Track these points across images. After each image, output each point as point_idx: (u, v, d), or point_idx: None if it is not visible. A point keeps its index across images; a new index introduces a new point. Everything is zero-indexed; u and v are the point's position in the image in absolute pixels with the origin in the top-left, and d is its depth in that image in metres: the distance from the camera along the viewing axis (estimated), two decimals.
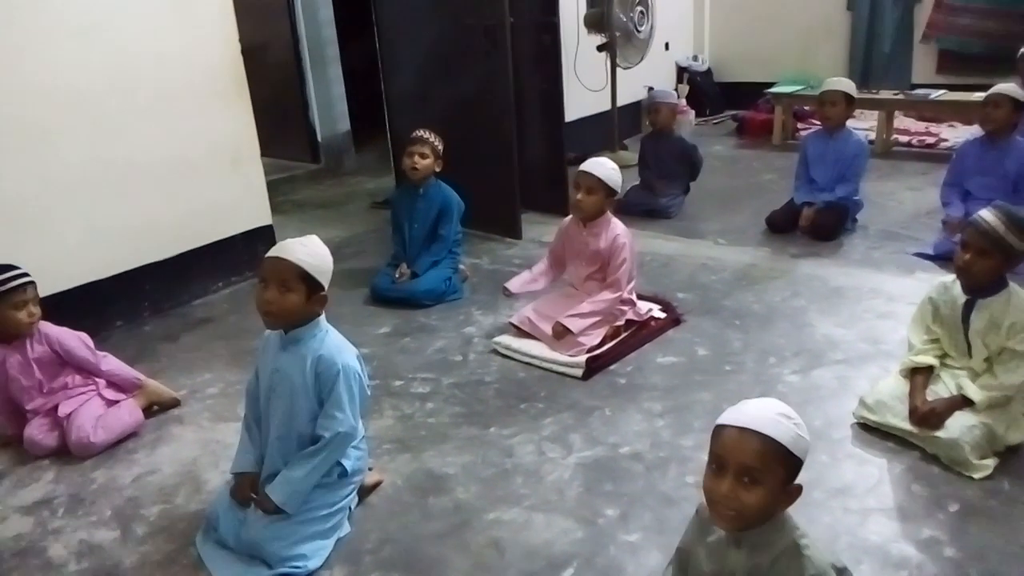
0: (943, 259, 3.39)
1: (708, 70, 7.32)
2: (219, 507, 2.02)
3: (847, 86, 4.01)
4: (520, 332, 3.00)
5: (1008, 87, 3.61)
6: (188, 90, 3.51)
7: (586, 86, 5.62)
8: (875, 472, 2.15)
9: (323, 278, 1.91)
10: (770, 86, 6.32)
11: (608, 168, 2.90)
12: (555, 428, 2.46)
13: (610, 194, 2.93)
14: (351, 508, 2.07)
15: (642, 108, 6.23)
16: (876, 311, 3.12)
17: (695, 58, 7.25)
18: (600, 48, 5.61)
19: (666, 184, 4.54)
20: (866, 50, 6.64)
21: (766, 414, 1.30)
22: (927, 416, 2.16)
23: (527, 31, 4.28)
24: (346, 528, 2.03)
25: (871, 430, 2.31)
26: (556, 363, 2.82)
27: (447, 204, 3.54)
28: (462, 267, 3.71)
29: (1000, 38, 5.97)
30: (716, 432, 1.33)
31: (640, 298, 3.12)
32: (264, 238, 3.83)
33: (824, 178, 4.04)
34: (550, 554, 1.92)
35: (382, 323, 3.33)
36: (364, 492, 2.16)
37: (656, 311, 3.13)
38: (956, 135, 5.75)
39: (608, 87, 5.75)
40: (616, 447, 2.34)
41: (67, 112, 3.11)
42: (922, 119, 6.31)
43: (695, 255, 3.87)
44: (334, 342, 1.97)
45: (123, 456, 2.48)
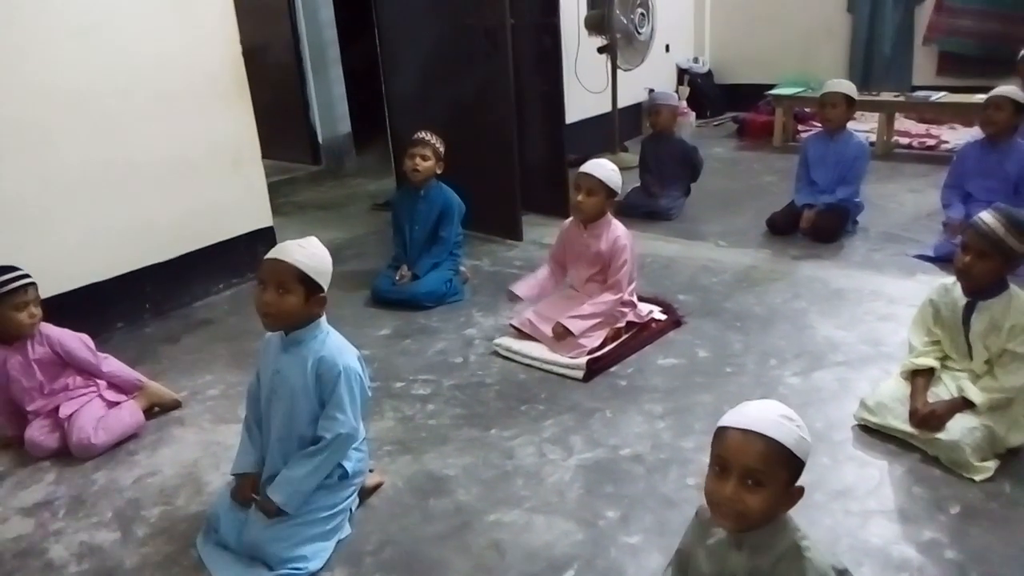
0: (944, 261, 3.39)
1: (709, 72, 7.33)
2: (220, 508, 2.02)
3: (848, 88, 4.01)
4: (521, 334, 3.00)
5: (1009, 89, 3.62)
6: (189, 91, 3.51)
7: (587, 88, 5.62)
8: (876, 474, 2.15)
9: (322, 279, 1.91)
10: (771, 88, 6.33)
11: (608, 169, 2.91)
12: (556, 430, 2.46)
13: (610, 195, 2.93)
14: (352, 510, 2.07)
15: (643, 110, 6.24)
16: (877, 313, 3.12)
17: (696, 60, 7.26)
18: (601, 50, 5.61)
19: (667, 186, 4.54)
20: (867, 52, 6.65)
21: (769, 416, 1.30)
22: (928, 418, 2.16)
23: (528, 33, 4.29)
24: (347, 530, 2.03)
25: (872, 432, 2.31)
26: (557, 365, 2.82)
27: (448, 206, 3.54)
28: (463, 269, 3.71)
29: (1000, 40, 5.98)
30: (718, 434, 1.33)
31: (641, 300, 3.12)
32: (265, 239, 3.83)
33: (825, 180, 4.05)
34: (551, 556, 1.92)
35: (383, 325, 3.33)
36: (365, 494, 2.15)
37: (657, 313, 3.13)
38: (957, 137, 5.75)
39: (609, 89, 5.75)
40: (617, 449, 2.34)
41: (67, 113, 3.11)
42: (923, 121, 6.32)
43: (696, 257, 3.87)
44: (335, 343, 1.97)
45: (124, 457, 2.48)
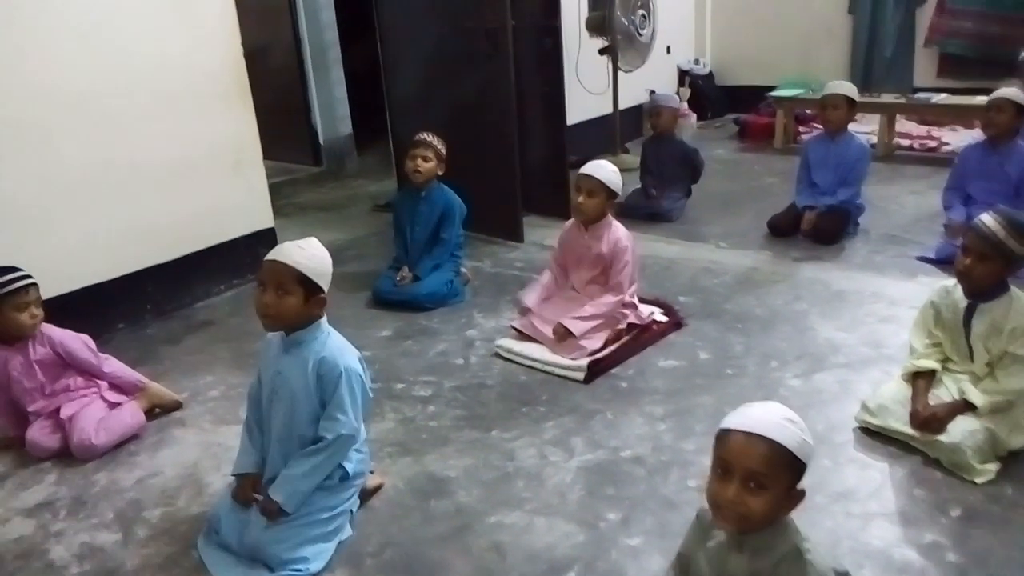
0: (945, 263, 3.38)
1: (710, 73, 7.33)
2: (221, 510, 2.02)
3: (849, 90, 4.01)
4: (522, 335, 3.00)
5: (1011, 91, 3.61)
6: (190, 92, 3.52)
7: (588, 89, 5.63)
8: (877, 476, 2.14)
9: (321, 280, 1.91)
10: (771, 90, 6.33)
11: (608, 170, 2.91)
12: (557, 432, 2.46)
13: (611, 196, 2.93)
14: (353, 511, 2.07)
15: (643, 112, 6.24)
16: (878, 315, 3.12)
17: (697, 61, 7.26)
18: (602, 51, 5.62)
19: (667, 187, 4.54)
20: (867, 54, 6.65)
21: (772, 419, 1.29)
22: (929, 420, 2.16)
23: (529, 34, 4.29)
24: (348, 531, 2.03)
25: (873, 434, 2.31)
26: (558, 366, 2.82)
27: (449, 207, 3.54)
28: (464, 270, 3.71)
29: (1001, 42, 5.99)
30: (721, 436, 1.33)
31: (642, 301, 3.12)
32: (266, 241, 3.83)
33: (826, 182, 4.05)
34: (551, 558, 1.92)
35: (384, 326, 3.33)
36: (366, 495, 2.15)
37: (658, 315, 3.13)
38: (958, 139, 5.75)
39: (610, 90, 5.76)
40: (617, 451, 2.34)
41: (68, 114, 3.11)
42: (924, 123, 6.31)
43: (696, 258, 3.87)
44: (336, 344, 1.98)
45: (125, 458, 2.48)
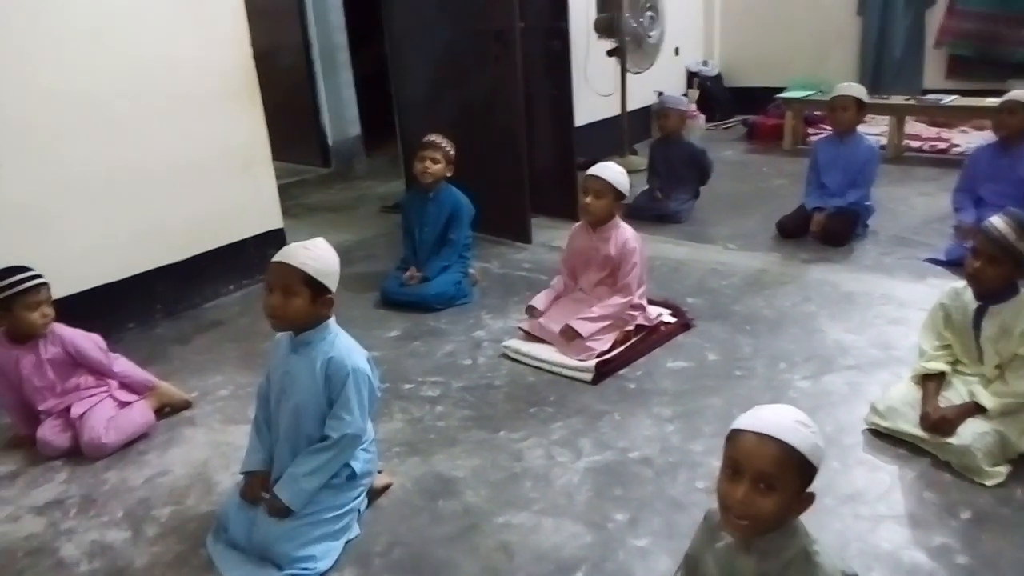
0: (955, 265, 3.37)
1: (718, 75, 7.32)
2: (229, 508, 2.03)
3: (858, 91, 4.00)
4: (530, 336, 3.00)
5: (1023, 94, 3.59)
6: (200, 94, 3.54)
7: (596, 91, 5.63)
8: (886, 479, 2.14)
9: (328, 280, 1.91)
10: (781, 91, 6.32)
11: (616, 171, 2.91)
12: (564, 432, 2.46)
13: (619, 197, 2.93)
14: (360, 510, 2.08)
15: (652, 113, 6.24)
16: (887, 317, 3.11)
17: (705, 63, 7.26)
18: (610, 53, 5.62)
19: (675, 189, 4.54)
20: (877, 55, 6.63)
21: (784, 421, 1.29)
22: (939, 423, 2.15)
23: (537, 36, 4.30)
24: (355, 530, 2.03)
25: (882, 436, 2.30)
26: (566, 367, 2.82)
27: (457, 208, 3.55)
28: (472, 271, 3.71)
29: (1012, 43, 5.95)
30: (732, 437, 1.32)
31: (650, 303, 3.11)
32: (275, 241, 3.84)
33: (835, 183, 4.04)
34: (559, 558, 1.92)
35: (392, 327, 3.33)
36: (373, 495, 2.16)
37: (666, 316, 3.12)
38: (968, 141, 5.73)
39: (618, 92, 5.76)
40: (626, 452, 2.34)
41: (79, 116, 3.13)
42: (933, 124, 6.29)
43: (705, 260, 3.86)
44: (344, 344, 1.98)
45: (135, 457, 2.49)
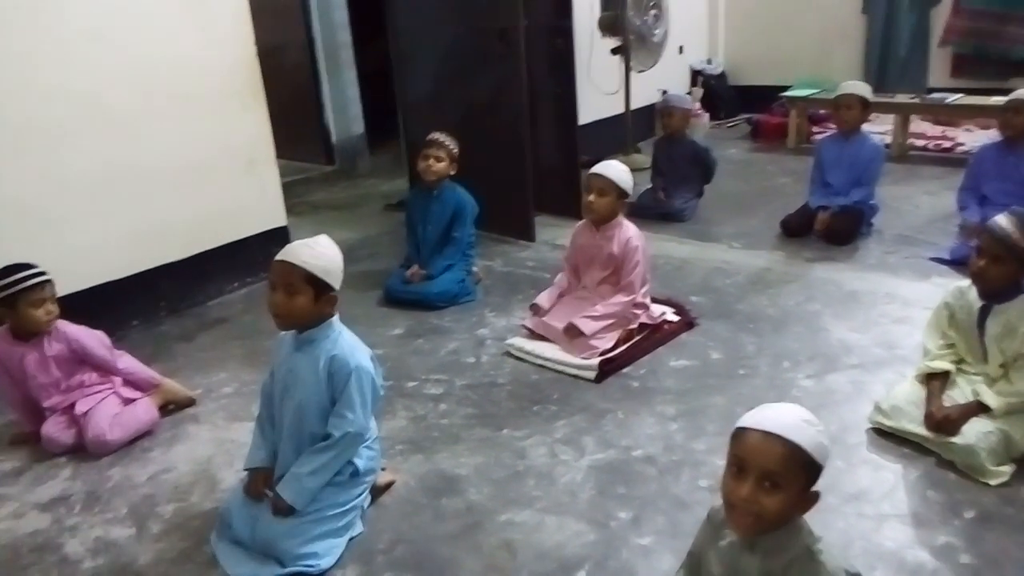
0: (959, 264, 3.35)
1: (722, 73, 7.30)
2: (233, 505, 2.04)
3: (863, 90, 3.99)
4: (533, 334, 3.00)
5: None
6: (204, 92, 3.54)
7: (600, 89, 5.62)
8: (890, 478, 2.13)
9: (331, 279, 1.91)
10: (785, 89, 6.29)
11: (619, 170, 2.91)
12: (568, 430, 2.46)
13: (622, 196, 2.93)
14: (364, 508, 2.08)
15: (655, 111, 6.23)
16: (891, 316, 3.10)
17: (709, 61, 7.24)
18: (614, 51, 5.61)
19: (679, 187, 4.53)
20: (881, 54, 6.60)
21: (790, 419, 1.29)
22: (943, 422, 2.14)
23: (541, 34, 4.29)
24: (359, 527, 2.04)
25: (886, 435, 2.30)
26: (569, 366, 2.82)
27: (461, 206, 3.55)
28: (475, 269, 3.72)
29: (1018, 42, 5.93)
30: (737, 435, 1.32)
31: (654, 301, 3.11)
32: (279, 239, 3.84)
33: (839, 182, 4.03)
34: (562, 556, 1.92)
35: (395, 324, 3.34)
36: (377, 492, 2.16)
37: (670, 314, 3.12)
38: (973, 139, 5.70)
39: (622, 90, 5.75)
40: (629, 450, 2.34)
41: (83, 115, 3.14)
42: (938, 123, 6.26)
43: (709, 258, 3.86)
44: (348, 342, 1.98)
45: (139, 454, 2.50)
